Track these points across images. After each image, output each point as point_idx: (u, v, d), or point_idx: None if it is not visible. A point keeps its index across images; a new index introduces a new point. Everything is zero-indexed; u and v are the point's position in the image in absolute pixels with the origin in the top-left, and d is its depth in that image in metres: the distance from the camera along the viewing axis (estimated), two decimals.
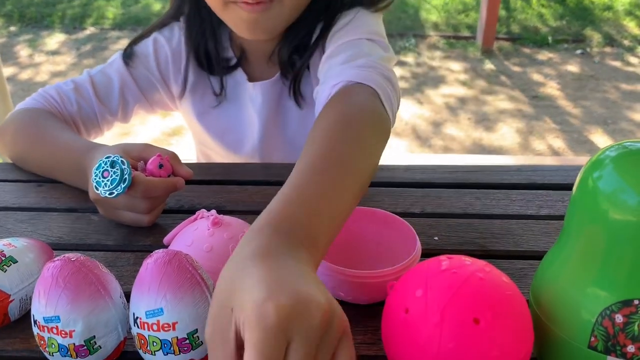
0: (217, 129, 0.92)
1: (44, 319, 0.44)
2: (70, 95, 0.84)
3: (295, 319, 0.35)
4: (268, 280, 0.37)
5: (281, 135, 0.90)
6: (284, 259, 0.40)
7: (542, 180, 0.78)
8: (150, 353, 0.45)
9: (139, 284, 0.45)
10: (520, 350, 0.41)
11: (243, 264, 0.40)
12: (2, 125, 0.84)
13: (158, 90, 0.90)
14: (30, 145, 0.79)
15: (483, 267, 0.43)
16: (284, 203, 0.47)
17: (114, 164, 0.60)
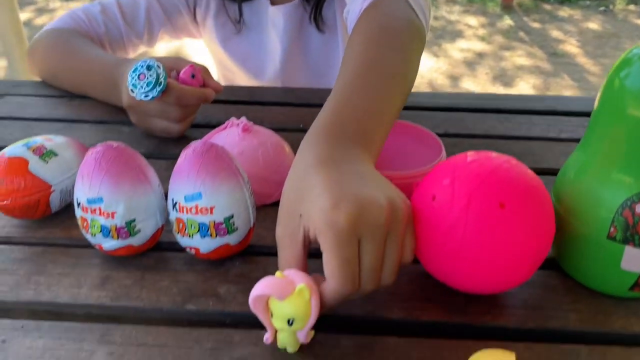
0: (240, 56, 0.93)
1: (88, 201, 0.47)
2: (98, 17, 0.86)
3: (361, 220, 0.39)
4: (331, 188, 0.41)
5: (303, 61, 0.91)
6: (343, 164, 0.44)
7: (565, 107, 0.79)
8: (189, 236, 0.48)
9: (178, 172, 0.47)
10: (543, 237, 0.43)
11: (305, 173, 0.44)
12: (31, 45, 0.86)
13: (182, 15, 0.91)
14: (62, 62, 0.81)
15: (509, 160, 0.44)
16: (332, 110, 0.49)
17: (150, 67, 0.62)
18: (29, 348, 0.43)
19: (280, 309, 0.39)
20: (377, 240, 0.40)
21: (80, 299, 0.47)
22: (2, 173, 0.51)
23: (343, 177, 0.42)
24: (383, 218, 0.40)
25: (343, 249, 0.39)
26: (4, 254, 0.52)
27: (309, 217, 0.41)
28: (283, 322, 0.39)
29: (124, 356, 0.42)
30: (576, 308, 0.47)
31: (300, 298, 0.39)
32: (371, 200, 0.40)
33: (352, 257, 0.39)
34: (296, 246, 0.42)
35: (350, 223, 0.39)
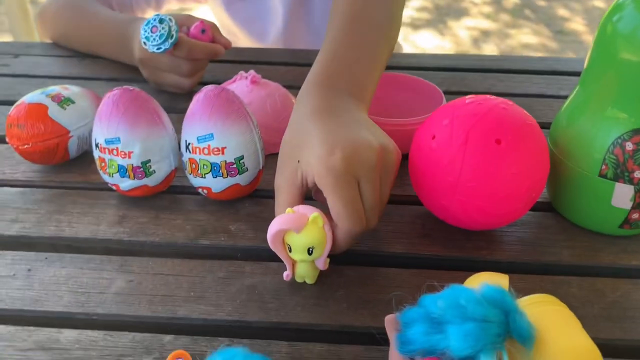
0: (244, 19, 0.95)
1: (106, 141, 0.49)
2: None
3: (356, 163, 0.42)
4: (326, 136, 0.44)
5: (305, 24, 0.93)
6: (337, 113, 0.47)
7: (565, 68, 0.81)
8: (201, 176, 0.50)
9: (190, 114, 0.50)
10: (538, 172, 0.45)
11: (302, 123, 0.47)
12: (41, 8, 0.88)
13: None
14: (73, 23, 0.83)
15: (506, 101, 0.46)
16: (324, 62, 0.52)
17: (163, 20, 0.64)
18: (53, 276, 0.46)
19: (298, 241, 0.41)
20: (372, 180, 0.43)
21: (99, 235, 0.50)
22: (22, 118, 0.54)
23: (337, 125, 0.45)
24: (375, 159, 0.43)
25: (345, 190, 0.42)
26: (26, 195, 0.55)
27: (308, 164, 0.43)
28: (303, 252, 0.42)
29: (142, 283, 0.45)
30: (569, 245, 0.49)
31: (315, 226, 0.41)
32: (364, 144, 0.43)
33: (354, 197, 0.42)
34: (294, 190, 0.45)
35: (347, 166, 0.42)
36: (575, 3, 3.82)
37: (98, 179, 0.57)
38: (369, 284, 0.45)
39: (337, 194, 0.42)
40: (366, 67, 0.53)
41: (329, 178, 0.42)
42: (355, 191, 0.43)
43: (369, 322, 0.42)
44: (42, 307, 0.43)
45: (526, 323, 0.33)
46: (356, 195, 0.43)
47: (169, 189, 0.55)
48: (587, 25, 3.51)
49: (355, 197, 0.43)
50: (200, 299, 0.44)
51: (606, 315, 0.43)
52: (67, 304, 0.43)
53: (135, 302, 0.43)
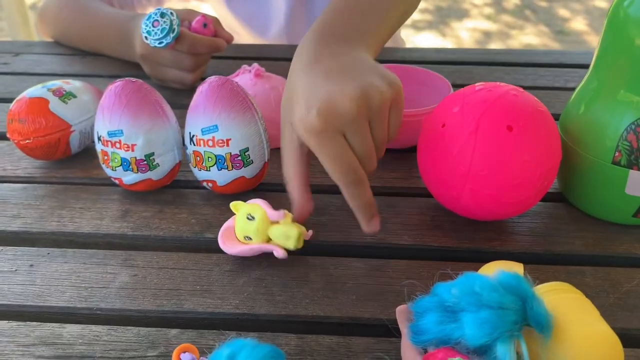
0: (246, 15, 0.94)
1: (109, 134, 0.48)
2: None
3: (334, 117, 0.40)
4: (305, 94, 0.42)
5: (307, 18, 0.92)
6: (328, 60, 0.44)
7: (570, 60, 0.80)
8: (206, 169, 0.49)
9: (194, 106, 0.49)
10: (550, 159, 0.44)
11: (292, 79, 0.45)
12: (42, 7, 0.87)
13: None
14: (73, 20, 0.82)
15: (517, 88, 0.45)
16: (329, 13, 0.50)
17: (164, 14, 0.63)
18: (55, 271, 0.45)
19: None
20: (357, 130, 0.41)
21: (102, 230, 0.49)
22: (23, 113, 0.53)
23: (323, 77, 0.43)
24: (354, 109, 0.40)
25: (328, 147, 0.40)
26: (27, 191, 0.54)
27: (296, 128, 0.42)
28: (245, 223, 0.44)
29: (146, 277, 0.44)
30: (582, 235, 0.48)
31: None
32: (341, 96, 0.41)
33: (340, 151, 0.41)
34: (294, 153, 0.44)
35: (325, 122, 0.40)
36: (576, 3, 3.81)
37: (100, 174, 0.56)
38: (377, 275, 0.44)
39: (322, 152, 0.40)
40: (372, 19, 0.51)
41: (311, 139, 0.41)
42: (340, 146, 0.41)
43: (378, 314, 0.41)
44: (44, 302, 0.42)
45: (544, 310, 0.32)
46: (342, 149, 0.41)
47: (173, 183, 0.54)
48: (588, 25, 3.50)
49: (341, 152, 0.41)
50: (206, 292, 0.43)
51: (622, 305, 0.41)
52: (70, 299, 0.42)
53: (139, 297, 0.42)
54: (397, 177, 0.55)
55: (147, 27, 0.63)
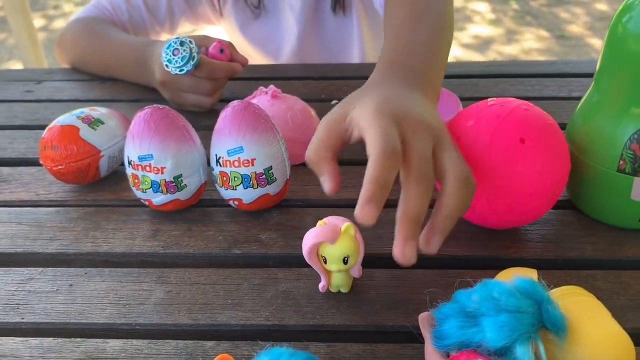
0: (258, 40, 0.98)
1: (139, 158, 0.51)
2: (122, 6, 0.91)
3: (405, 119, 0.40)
4: (386, 94, 0.44)
5: (318, 41, 0.96)
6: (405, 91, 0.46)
7: (574, 70, 0.82)
8: (232, 188, 0.52)
9: (219, 130, 0.52)
10: (560, 169, 0.47)
11: (365, 89, 0.47)
12: (59, 35, 0.91)
13: (202, 2, 0.95)
14: (91, 47, 0.86)
15: (526, 103, 0.48)
16: (395, 51, 0.53)
17: (183, 43, 0.66)
18: (94, 290, 0.47)
19: (334, 252, 0.43)
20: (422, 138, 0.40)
21: (135, 249, 0.52)
22: (56, 140, 0.56)
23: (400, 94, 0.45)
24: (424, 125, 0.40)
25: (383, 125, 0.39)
26: (61, 214, 0.57)
27: (360, 116, 0.41)
28: (339, 263, 0.43)
29: (180, 293, 0.47)
30: (591, 240, 0.50)
31: (348, 236, 0.43)
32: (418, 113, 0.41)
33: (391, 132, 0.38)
34: (335, 127, 0.42)
35: (394, 116, 0.40)
36: (577, 8, 3.85)
37: (129, 195, 0.59)
38: (398, 285, 0.47)
39: (374, 124, 0.39)
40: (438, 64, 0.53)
41: (375, 123, 0.39)
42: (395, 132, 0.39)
43: (402, 321, 0.43)
44: (86, 319, 0.45)
45: (558, 313, 0.35)
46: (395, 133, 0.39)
47: (199, 202, 0.57)
48: (589, 28, 3.53)
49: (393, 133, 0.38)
50: (237, 305, 0.45)
51: (633, 306, 0.44)
52: (110, 316, 0.45)
53: (175, 311, 0.45)
54: None
55: (167, 56, 0.67)
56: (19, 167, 0.65)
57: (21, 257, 0.52)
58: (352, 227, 0.43)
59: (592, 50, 3.24)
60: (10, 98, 0.82)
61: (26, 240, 0.53)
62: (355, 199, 0.56)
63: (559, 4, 3.89)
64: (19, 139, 0.71)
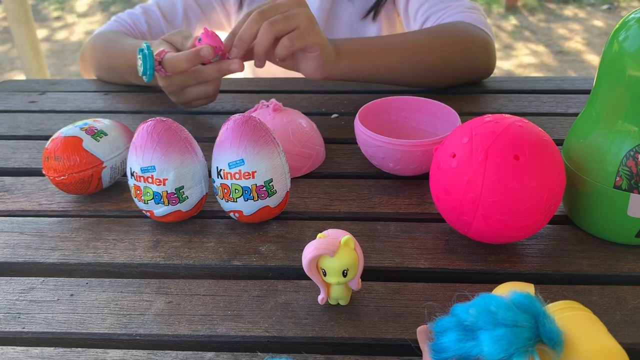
0: None
1: (142, 169, 0.52)
2: (141, 18, 0.93)
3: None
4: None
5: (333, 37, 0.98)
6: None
7: (571, 86, 0.83)
8: (233, 200, 0.52)
9: (220, 142, 0.52)
10: (555, 184, 0.47)
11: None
12: (81, 49, 0.94)
13: (216, 9, 0.97)
14: (107, 56, 0.87)
15: (521, 119, 0.49)
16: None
17: (140, 50, 0.67)
18: (94, 300, 0.48)
19: (333, 265, 0.43)
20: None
21: (136, 260, 0.52)
22: (59, 150, 0.56)
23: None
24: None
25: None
26: (63, 224, 0.57)
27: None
28: (338, 275, 0.43)
29: (180, 304, 0.47)
30: (588, 255, 0.51)
31: (347, 248, 0.43)
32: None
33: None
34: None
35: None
36: (574, 23, 3.88)
37: (131, 207, 0.59)
38: (397, 298, 0.47)
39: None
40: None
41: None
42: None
43: (400, 334, 0.44)
44: (87, 329, 0.45)
45: (555, 327, 0.35)
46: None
47: (200, 213, 0.57)
48: (587, 44, 3.56)
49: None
50: (237, 317, 0.46)
51: (629, 321, 0.44)
52: (110, 326, 0.45)
53: (175, 322, 0.45)
54: (411, 204, 0.58)
55: (137, 67, 0.67)
56: (21, 177, 0.65)
57: (23, 267, 0.52)
58: (352, 240, 0.43)
59: (589, 67, 3.26)
60: (13, 108, 0.83)
61: (28, 249, 0.54)
62: (354, 212, 0.57)
63: (557, 20, 3.93)
64: (22, 149, 0.71)
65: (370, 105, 0.65)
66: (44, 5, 4.39)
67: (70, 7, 4.30)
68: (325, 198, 0.60)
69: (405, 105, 0.67)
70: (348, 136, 0.71)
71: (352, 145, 0.69)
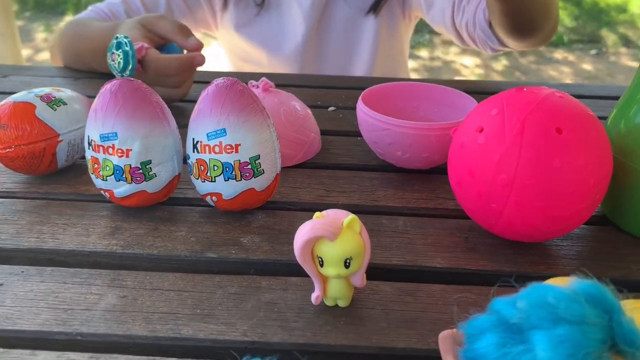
0: (258, 37, 0.92)
1: (101, 137, 0.43)
2: (120, 8, 0.85)
3: None
4: None
5: (326, 37, 0.90)
6: None
7: (589, 92, 0.76)
8: (210, 179, 0.43)
9: (198, 110, 0.44)
10: (603, 166, 0.39)
11: None
12: (53, 36, 0.85)
13: (202, 6, 0.90)
14: (73, 42, 0.79)
15: (560, 91, 0.41)
16: None
17: (119, 45, 0.58)
18: (29, 291, 0.38)
19: (333, 252, 0.34)
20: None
21: (88, 247, 0.42)
22: (6, 117, 0.47)
23: None
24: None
25: None
26: (4, 206, 0.47)
27: None
28: (339, 265, 0.34)
29: (137, 299, 0.37)
30: (636, 259, 0.42)
31: (351, 232, 0.34)
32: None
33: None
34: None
35: None
36: (564, 66, 3.90)
37: (89, 189, 0.50)
38: (410, 301, 0.38)
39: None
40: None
41: None
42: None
43: (414, 343, 0.34)
44: (14, 325, 0.35)
45: (634, 327, 0.26)
46: None
47: (170, 200, 0.48)
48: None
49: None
50: (208, 317, 0.36)
51: None
52: (44, 322, 0.35)
53: (128, 320, 0.36)
54: (421, 198, 0.50)
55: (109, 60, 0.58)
56: None
57: None
58: (357, 222, 0.34)
59: None
60: None
61: None
62: (355, 204, 0.48)
63: (547, 62, 3.95)
64: None
65: (374, 89, 0.57)
66: (34, 26, 4.34)
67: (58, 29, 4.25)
68: (321, 189, 0.51)
69: (416, 92, 0.59)
70: (347, 128, 0.63)
71: (352, 138, 0.61)
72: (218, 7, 0.90)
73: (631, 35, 4.33)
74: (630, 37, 4.30)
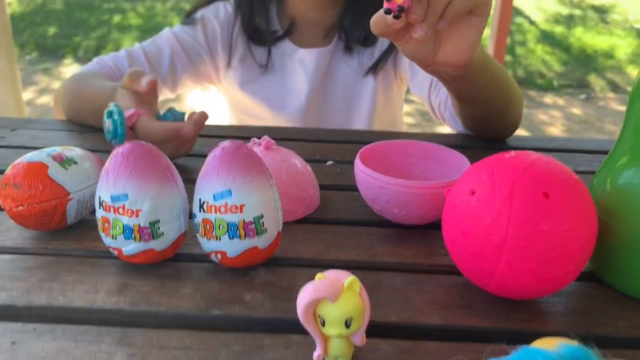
0: (262, 96, 0.95)
1: (112, 198, 0.45)
2: (124, 62, 0.88)
3: None
4: None
5: (329, 99, 0.94)
6: None
7: (576, 146, 0.80)
8: (216, 238, 0.45)
9: (206, 172, 0.46)
10: (589, 229, 0.41)
11: None
12: (57, 90, 0.88)
13: (205, 61, 0.93)
14: (74, 99, 0.82)
15: (546, 156, 0.44)
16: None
17: (110, 114, 0.61)
18: (41, 349, 0.39)
19: (334, 312, 0.35)
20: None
21: (97, 305, 0.44)
22: (20, 177, 0.49)
23: None
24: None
25: None
26: (15, 262, 0.49)
27: None
28: (340, 325, 0.36)
29: (145, 357, 0.39)
30: (624, 316, 0.44)
31: (351, 293, 0.36)
32: None
33: None
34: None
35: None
36: (554, 110, 3.98)
37: (97, 246, 0.51)
38: (408, 359, 0.39)
39: None
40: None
41: None
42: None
43: None
44: None
45: None
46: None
47: (176, 257, 0.50)
48: (567, 130, 3.63)
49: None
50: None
51: None
52: None
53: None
54: (418, 254, 0.52)
55: (103, 126, 0.61)
56: None
57: None
58: (357, 283, 0.36)
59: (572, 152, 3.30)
60: None
61: None
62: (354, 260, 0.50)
63: (537, 107, 4.03)
64: None
65: (371, 147, 0.60)
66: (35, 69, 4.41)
67: (57, 74, 4.32)
68: (321, 245, 0.53)
69: (410, 150, 0.62)
70: (345, 183, 0.66)
71: (350, 193, 0.63)
72: (222, 64, 0.94)
73: (618, 80, 4.45)
74: (617, 82, 4.41)
